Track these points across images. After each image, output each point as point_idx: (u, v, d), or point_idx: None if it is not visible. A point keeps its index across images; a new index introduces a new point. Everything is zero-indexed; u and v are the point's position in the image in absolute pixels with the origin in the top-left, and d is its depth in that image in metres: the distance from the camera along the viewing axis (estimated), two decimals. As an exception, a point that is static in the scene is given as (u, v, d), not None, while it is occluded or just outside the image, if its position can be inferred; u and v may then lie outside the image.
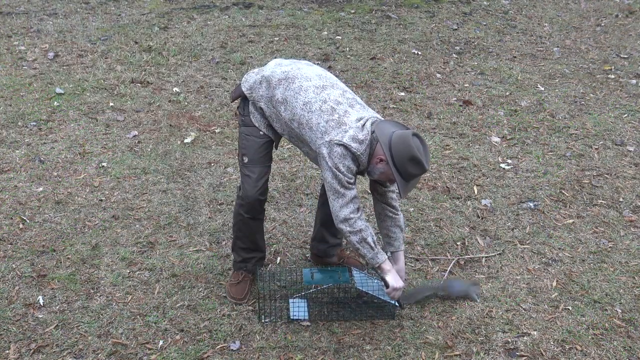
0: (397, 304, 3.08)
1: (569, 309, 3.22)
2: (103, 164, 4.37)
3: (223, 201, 4.00)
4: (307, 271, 3.14)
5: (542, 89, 5.85)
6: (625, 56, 6.73)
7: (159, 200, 4.00)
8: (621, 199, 4.16)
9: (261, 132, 2.99)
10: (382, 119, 2.88)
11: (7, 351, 2.85)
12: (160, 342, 2.94)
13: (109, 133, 4.80)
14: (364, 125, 2.77)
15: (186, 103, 5.32)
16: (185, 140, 4.71)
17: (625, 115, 5.36)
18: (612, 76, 6.19)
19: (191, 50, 6.40)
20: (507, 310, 3.20)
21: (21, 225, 3.72)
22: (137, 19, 7.29)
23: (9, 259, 3.44)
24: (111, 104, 5.25)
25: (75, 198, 3.99)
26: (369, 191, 3.18)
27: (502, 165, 4.52)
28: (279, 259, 3.55)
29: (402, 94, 5.64)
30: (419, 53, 6.60)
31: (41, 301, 3.15)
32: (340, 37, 6.94)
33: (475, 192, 4.21)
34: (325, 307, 3.16)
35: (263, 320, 3.07)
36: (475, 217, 3.95)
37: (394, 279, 2.90)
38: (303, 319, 3.08)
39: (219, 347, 2.92)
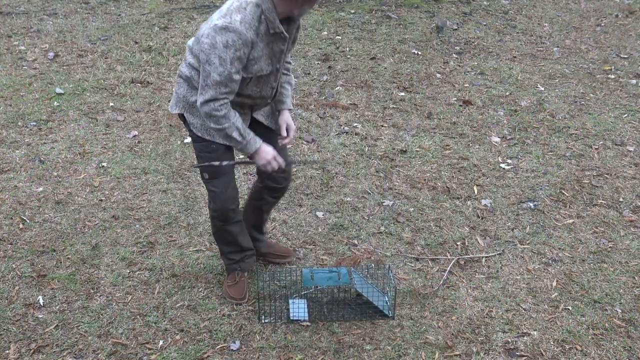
0: (389, 313, 3.10)
1: (569, 309, 3.22)
2: (103, 164, 4.37)
3: (223, 201, 4.00)
4: (307, 272, 3.14)
5: (542, 89, 5.85)
6: (625, 56, 6.73)
7: (159, 200, 4.00)
8: (621, 199, 4.16)
9: (213, 146, 2.92)
10: None
11: (7, 351, 2.85)
12: (160, 342, 2.94)
13: (109, 133, 4.80)
14: None
15: (186, 103, 5.32)
16: (186, 140, 4.71)
17: (625, 115, 5.36)
18: (612, 76, 6.19)
19: (191, 50, 6.40)
20: (507, 310, 3.20)
21: (21, 225, 3.72)
22: (137, 19, 7.29)
23: (9, 259, 3.44)
24: (111, 104, 5.25)
25: (75, 198, 3.99)
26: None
27: (502, 165, 4.52)
28: (279, 259, 3.55)
29: (402, 94, 5.64)
30: (419, 53, 6.60)
31: (41, 301, 3.15)
32: (340, 37, 6.94)
33: (475, 192, 4.21)
34: (325, 307, 3.17)
35: (263, 320, 3.07)
36: (475, 217, 3.95)
37: (259, 158, 2.83)
38: (303, 319, 3.08)
39: (219, 347, 2.92)
